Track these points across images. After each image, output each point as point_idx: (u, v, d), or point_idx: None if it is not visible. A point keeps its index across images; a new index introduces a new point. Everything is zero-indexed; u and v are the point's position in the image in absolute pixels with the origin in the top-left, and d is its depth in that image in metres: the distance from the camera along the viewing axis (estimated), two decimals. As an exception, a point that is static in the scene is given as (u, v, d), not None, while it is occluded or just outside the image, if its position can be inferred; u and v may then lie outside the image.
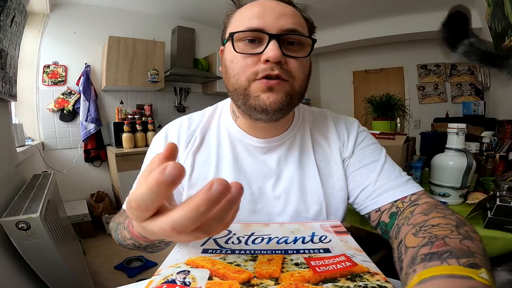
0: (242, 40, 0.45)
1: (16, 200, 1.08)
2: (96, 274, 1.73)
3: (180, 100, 3.14)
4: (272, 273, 0.30)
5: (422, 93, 3.31)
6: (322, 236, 0.40)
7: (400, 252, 0.34)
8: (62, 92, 2.42)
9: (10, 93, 1.29)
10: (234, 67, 0.46)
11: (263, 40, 0.44)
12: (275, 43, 0.42)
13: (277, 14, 0.44)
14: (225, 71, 0.49)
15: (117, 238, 0.48)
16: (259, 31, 0.44)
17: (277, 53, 0.42)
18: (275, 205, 0.53)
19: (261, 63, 0.44)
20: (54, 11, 2.35)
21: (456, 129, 0.87)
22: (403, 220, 0.42)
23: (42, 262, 1.01)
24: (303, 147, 0.56)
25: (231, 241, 0.38)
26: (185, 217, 0.22)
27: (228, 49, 0.48)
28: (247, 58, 0.45)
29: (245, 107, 0.47)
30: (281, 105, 0.45)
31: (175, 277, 0.29)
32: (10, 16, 1.23)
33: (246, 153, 0.54)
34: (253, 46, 0.45)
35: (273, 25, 0.44)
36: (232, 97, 0.49)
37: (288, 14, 0.45)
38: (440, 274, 0.25)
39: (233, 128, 0.55)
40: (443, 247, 0.29)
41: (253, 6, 0.46)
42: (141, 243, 0.40)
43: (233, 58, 0.46)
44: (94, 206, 2.40)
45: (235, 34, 0.45)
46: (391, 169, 0.51)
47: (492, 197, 0.79)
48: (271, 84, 0.44)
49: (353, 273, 0.30)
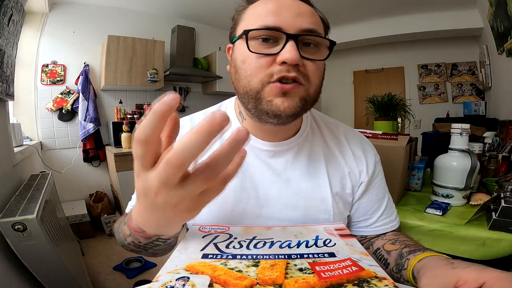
0: (256, 39, 0.42)
1: (13, 200, 1.06)
2: (95, 274, 1.72)
3: (180, 100, 3.12)
4: (276, 280, 0.28)
5: (422, 93, 3.30)
6: (326, 239, 0.38)
7: (381, 255, 0.50)
8: (61, 91, 2.41)
9: (8, 92, 1.27)
10: (246, 68, 0.43)
11: (279, 40, 0.41)
12: (293, 44, 0.40)
13: (294, 13, 0.41)
14: (235, 71, 0.45)
15: (119, 238, 0.46)
16: (276, 29, 0.41)
17: (295, 55, 0.39)
18: (282, 211, 0.51)
19: (277, 65, 0.41)
20: (53, 10, 2.33)
21: (460, 130, 0.86)
22: (376, 237, 0.57)
23: (39, 263, 1.00)
24: (313, 154, 0.54)
25: (232, 245, 0.37)
26: (187, 143, 0.21)
27: (239, 48, 0.45)
28: (261, 59, 0.41)
29: (256, 111, 0.44)
30: (295, 111, 0.42)
31: (174, 283, 0.27)
32: (8, 15, 1.21)
33: (252, 156, 0.52)
34: (268, 45, 0.42)
35: (291, 24, 0.41)
36: (242, 99, 0.46)
37: (306, 13, 0.43)
38: (428, 255, 0.39)
39: None
40: (418, 246, 0.46)
41: (267, 2, 0.43)
42: (140, 241, 0.37)
43: (246, 57, 0.43)
44: (93, 206, 2.39)
45: (250, 31, 0.41)
46: (390, 205, 0.59)
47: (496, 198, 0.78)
48: (286, 88, 0.41)
49: (360, 278, 0.29)
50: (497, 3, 1.90)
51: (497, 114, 2.31)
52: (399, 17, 2.87)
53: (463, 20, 2.51)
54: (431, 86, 3.25)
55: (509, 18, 1.74)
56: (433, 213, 0.85)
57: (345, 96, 3.91)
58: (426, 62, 3.25)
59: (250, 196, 0.51)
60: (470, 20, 2.48)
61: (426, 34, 2.86)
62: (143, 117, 0.23)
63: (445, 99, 3.19)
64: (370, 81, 3.68)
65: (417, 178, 1.09)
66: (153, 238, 0.35)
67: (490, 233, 0.72)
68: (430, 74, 3.25)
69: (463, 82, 3.07)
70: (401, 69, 3.44)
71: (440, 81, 3.20)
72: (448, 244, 0.77)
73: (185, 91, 3.16)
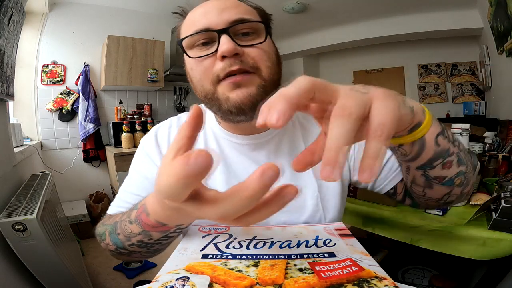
0: (195, 46, 0.44)
1: (13, 201, 1.06)
2: (95, 275, 1.72)
3: (180, 99, 3.13)
4: (275, 280, 0.28)
5: (422, 93, 3.30)
6: (326, 239, 0.38)
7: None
8: (61, 91, 2.41)
9: (8, 92, 1.27)
10: (195, 74, 0.45)
11: (215, 39, 0.42)
12: (225, 37, 0.41)
13: (219, 10, 0.43)
14: (191, 81, 0.48)
15: (115, 241, 0.42)
16: (206, 30, 0.42)
17: (230, 45, 0.40)
18: None
19: (219, 61, 0.42)
20: (53, 11, 2.34)
21: (460, 130, 0.86)
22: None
23: (39, 263, 1.00)
24: (294, 143, 0.54)
25: (232, 245, 0.37)
26: (236, 206, 0.20)
27: (186, 59, 0.47)
28: (204, 61, 0.43)
29: (221, 113, 0.45)
30: (255, 99, 0.42)
31: (174, 284, 0.27)
32: (8, 15, 1.21)
33: (234, 152, 0.53)
34: (208, 47, 0.43)
35: (218, 20, 0.42)
36: (206, 105, 0.47)
37: (230, 6, 0.44)
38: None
39: (217, 128, 0.54)
40: None
41: (195, 10, 0.45)
42: (152, 236, 0.36)
43: (192, 65, 0.45)
44: (93, 206, 2.39)
45: (183, 40, 0.44)
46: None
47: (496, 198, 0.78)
48: (237, 80, 0.41)
49: (360, 278, 0.29)
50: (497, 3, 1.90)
51: (497, 114, 2.31)
52: (399, 17, 2.86)
53: (463, 20, 2.51)
54: (431, 86, 3.25)
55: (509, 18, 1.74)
56: (433, 213, 0.85)
57: None
58: (426, 62, 3.25)
59: None
60: (470, 20, 2.47)
61: (426, 34, 2.86)
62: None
63: (445, 99, 3.19)
64: (370, 81, 3.68)
65: (417, 178, 1.08)
66: (171, 230, 0.35)
67: (490, 233, 0.72)
68: (430, 74, 3.25)
69: (463, 82, 3.07)
70: (401, 69, 3.44)
71: (440, 81, 3.20)
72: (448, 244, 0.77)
73: (185, 91, 3.16)
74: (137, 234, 0.36)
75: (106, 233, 0.44)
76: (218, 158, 0.19)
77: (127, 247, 0.40)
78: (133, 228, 0.37)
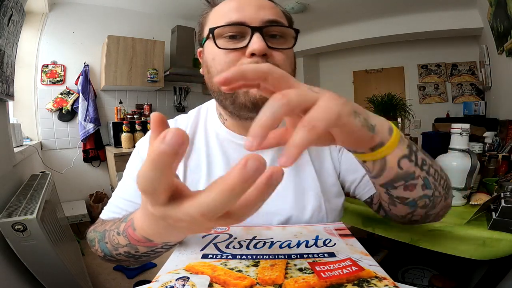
0: (223, 37, 0.44)
1: (13, 201, 1.06)
2: (95, 275, 1.72)
3: (180, 100, 3.13)
4: (275, 280, 0.28)
5: (422, 93, 3.30)
6: (326, 239, 0.38)
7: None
8: (61, 91, 2.40)
9: (7, 92, 1.27)
10: (216, 65, 0.44)
11: (246, 35, 0.43)
12: (258, 36, 0.41)
13: (256, 7, 0.43)
14: (207, 71, 0.47)
15: (103, 248, 0.42)
16: (240, 24, 0.42)
17: (262, 45, 0.40)
18: (272, 203, 0.50)
19: (246, 58, 0.42)
20: (53, 11, 2.33)
21: (460, 129, 0.86)
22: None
23: (39, 263, 1.00)
24: None
25: (232, 245, 0.37)
26: (218, 200, 0.18)
27: (208, 48, 0.46)
28: (230, 54, 0.43)
29: (234, 107, 0.45)
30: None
31: (174, 284, 0.27)
32: (7, 15, 1.21)
33: (238, 153, 0.52)
34: (235, 41, 0.43)
35: (254, 17, 0.42)
36: (217, 98, 0.47)
37: (267, 6, 0.44)
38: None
39: (221, 129, 0.53)
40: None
41: (229, 1, 0.45)
42: (139, 250, 0.36)
43: (215, 55, 0.44)
44: (93, 206, 2.39)
45: (215, 29, 0.43)
46: None
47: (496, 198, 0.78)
48: None
49: (360, 278, 0.29)
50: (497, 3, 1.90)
51: (497, 114, 2.31)
52: (399, 17, 2.86)
53: (463, 20, 2.51)
54: (431, 86, 3.25)
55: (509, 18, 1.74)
56: (433, 213, 0.85)
57: (345, 96, 3.78)
58: (426, 62, 3.25)
59: None
60: (470, 20, 2.47)
61: (426, 34, 2.86)
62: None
63: (445, 99, 3.19)
64: (370, 81, 3.68)
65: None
66: (159, 246, 0.34)
67: (490, 233, 0.72)
68: (430, 74, 3.25)
69: (463, 82, 3.07)
70: (401, 69, 3.44)
71: (440, 81, 3.20)
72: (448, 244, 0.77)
73: (185, 91, 3.16)
74: (124, 245, 0.37)
75: (95, 240, 0.44)
76: (187, 139, 0.18)
77: (114, 256, 0.41)
78: (121, 240, 0.37)
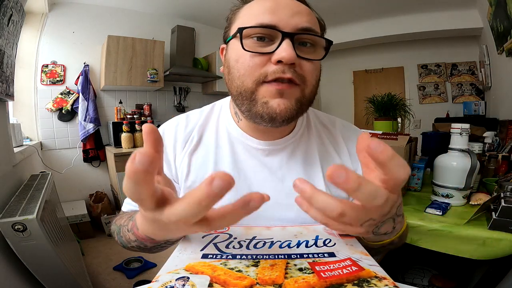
0: (250, 38, 0.41)
1: (13, 201, 1.06)
2: (95, 275, 1.72)
3: (180, 99, 3.13)
4: (275, 279, 0.28)
5: (422, 93, 3.30)
6: (326, 239, 0.38)
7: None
8: (61, 91, 2.40)
9: (7, 92, 1.27)
10: (239, 67, 0.41)
11: (275, 39, 0.40)
12: (288, 43, 0.38)
13: (291, 11, 0.40)
14: (228, 72, 0.44)
15: (120, 241, 0.46)
16: (272, 27, 0.39)
17: (291, 54, 0.38)
18: (277, 211, 0.49)
19: (272, 64, 0.40)
20: (52, 11, 2.33)
21: (460, 129, 0.86)
22: None
23: (39, 263, 1.00)
24: (309, 153, 0.53)
25: (232, 245, 0.37)
26: (187, 210, 0.22)
27: (233, 47, 0.43)
28: (256, 57, 0.40)
29: (250, 114, 0.43)
30: (291, 114, 0.41)
31: (174, 283, 0.27)
32: (7, 15, 1.21)
33: (247, 155, 0.52)
34: (263, 44, 0.41)
35: (288, 22, 0.40)
36: (235, 101, 0.45)
37: (303, 12, 0.42)
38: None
39: (233, 128, 0.52)
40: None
41: (264, 1, 0.42)
42: (147, 245, 0.38)
43: (239, 57, 0.41)
44: (93, 206, 2.38)
45: (244, 29, 0.40)
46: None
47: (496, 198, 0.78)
48: (283, 88, 0.39)
49: (360, 278, 0.28)
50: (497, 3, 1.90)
51: (497, 114, 2.31)
52: (399, 17, 2.87)
53: (463, 20, 2.51)
54: (431, 86, 3.25)
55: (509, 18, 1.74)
56: (433, 213, 0.85)
57: (345, 96, 3.90)
58: (426, 62, 3.25)
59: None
60: (470, 20, 2.48)
61: (426, 34, 2.86)
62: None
63: (445, 99, 3.19)
64: (370, 81, 3.68)
65: (417, 178, 1.09)
66: (162, 243, 0.37)
67: (490, 233, 0.72)
68: (430, 74, 3.25)
69: (463, 82, 3.07)
70: (401, 69, 3.44)
71: (440, 81, 3.20)
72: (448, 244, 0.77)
73: (185, 91, 3.16)
74: (134, 241, 0.40)
75: (115, 233, 0.49)
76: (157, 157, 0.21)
77: (129, 248, 0.45)
78: (130, 236, 0.40)
